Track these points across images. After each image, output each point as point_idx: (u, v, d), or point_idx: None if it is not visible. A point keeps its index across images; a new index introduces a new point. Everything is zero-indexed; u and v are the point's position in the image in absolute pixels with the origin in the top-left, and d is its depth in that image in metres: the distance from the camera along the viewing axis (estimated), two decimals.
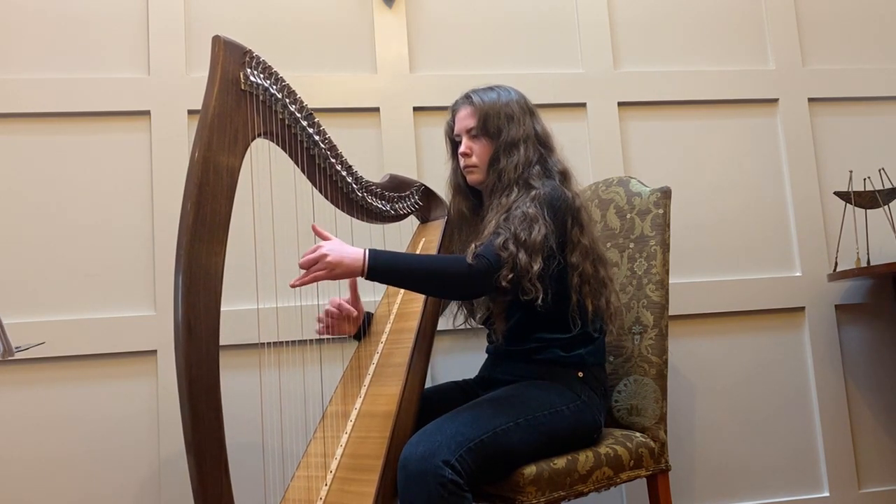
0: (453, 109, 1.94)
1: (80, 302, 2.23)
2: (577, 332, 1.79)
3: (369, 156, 2.41)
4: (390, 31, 2.50)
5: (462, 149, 1.88)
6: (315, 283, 1.60)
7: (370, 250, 1.61)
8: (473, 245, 1.68)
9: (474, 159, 1.87)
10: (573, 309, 1.78)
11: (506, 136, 1.83)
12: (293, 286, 1.58)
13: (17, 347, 1.42)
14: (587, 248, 1.77)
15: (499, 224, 1.71)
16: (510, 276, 1.63)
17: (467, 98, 1.90)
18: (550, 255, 1.71)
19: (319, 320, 1.91)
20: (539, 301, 1.67)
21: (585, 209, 1.81)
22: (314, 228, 1.67)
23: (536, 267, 1.65)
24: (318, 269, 1.57)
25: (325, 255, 1.57)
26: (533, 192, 1.74)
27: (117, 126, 2.32)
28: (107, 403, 2.20)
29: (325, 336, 1.91)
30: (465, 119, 1.88)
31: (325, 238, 1.64)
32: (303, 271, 1.59)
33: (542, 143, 1.86)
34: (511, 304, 1.78)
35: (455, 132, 1.92)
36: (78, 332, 2.19)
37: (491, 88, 1.90)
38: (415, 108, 2.46)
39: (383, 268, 1.61)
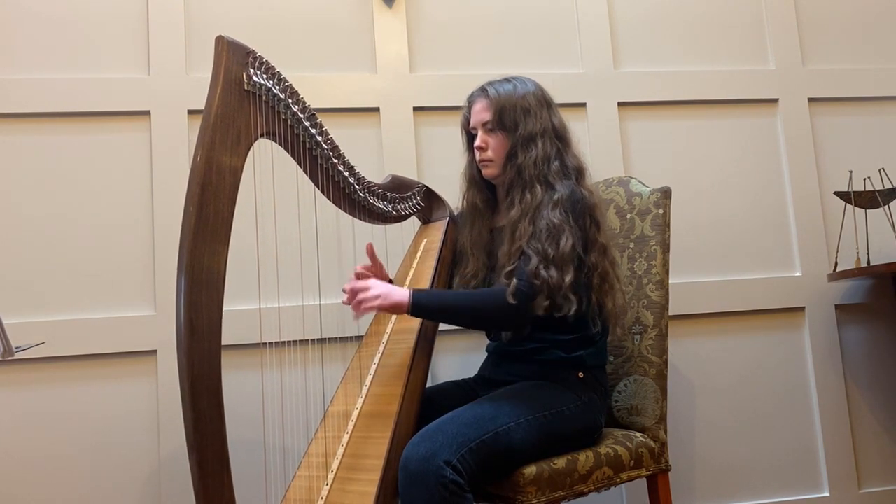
0: (469, 101, 1.92)
1: (80, 302, 2.22)
2: (579, 333, 1.79)
3: (369, 156, 2.41)
4: (390, 31, 2.49)
5: (477, 142, 1.87)
6: (316, 283, 1.62)
7: (413, 292, 1.69)
8: (505, 278, 1.70)
9: (490, 153, 1.85)
10: (592, 310, 1.78)
11: (522, 130, 1.81)
12: (356, 319, 1.73)
13: (17, 347, 1.42)
14: (604, 247, 1.77)
15: (528, 240, 1.71)
16: (546, 303, 1.66)
17: (483, 91, 1.88)
18: (580, 263, 1.71)
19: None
20: (572, 312, 1.68)
21: (599, 206, 1.80)
22: (369, 248, 1.81)
23: (568, 278, 1.66)
24: (369, 303, 1.67)
25: (374, 292, 1.67)
26: (556, 196, 1.73)
27: (117, 126, 2.31)
28: (107, 403, 2.20)
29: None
30: (481, 112, 1.86)
31: (372, 260, 1.81)
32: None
33: (560, 137, 1.85)
34: None
35: (471, 125, 1.91)
36: (78, 332, 2.19)
37: (508, 80, 1.88)
38: (415, 108, 2.46)
39: (425, 307, 1.69)
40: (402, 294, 1.67)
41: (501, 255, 1.78)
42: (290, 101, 1.61)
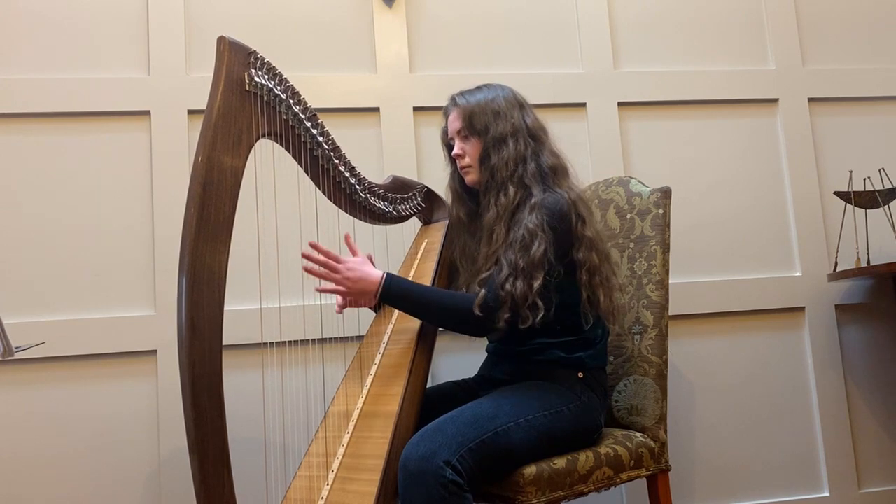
0: (445, 114, 1.94)
1: (80, 302, 2.22)
2: (579, 335, 1.79)
3: (369, 156, 2.41)
4: (390, 31, 2.50)
5: (455, 151, 1.89)
6: (316, 283, 1.64)
7: (387, 274, 1.73)
8: (478, 285, 1.72)
9: (467, 159, 1.87)
10: (584, 306, 1.77)
11: (493, 132, 1.82)
12: (318, 289, 1.74)
13: (17, 347, 1.42)
14: (592, 241, 1.76)
15: (505, 249, 1.72)
16: (507, 315, 1.67)
17: (453, 101, 1.91)
18: (550, 268, 1.71)
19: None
20: (537, 321, 1.67)
21: (582, 199, 1.80)
22: (347, 239, 1.79)
23: (536, 285, 1.67)
24: (340, 283, 1.71)
25: (348, 270, 1.71)
26: (533, 201, 1.74)
27: (117, 126, 2.31)
28: (107, 403, 2.19)
29: (345, 309, 1.95)
30: (454, 121, 1.89)
31: (354, 252, 1.77)
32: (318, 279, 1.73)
33: (534, 136, 1.85)
34: None
35: (449, 136, 1.93)
36: (78, 332, 2.19)
37: (479, 88, 1.90)
38: (415, 108, 2.46)
39: (395, 293, 1.73)
40: (374, 277, 1.72)
41: (479, 259, 1.80)
42: (291, 101, 1.61)
